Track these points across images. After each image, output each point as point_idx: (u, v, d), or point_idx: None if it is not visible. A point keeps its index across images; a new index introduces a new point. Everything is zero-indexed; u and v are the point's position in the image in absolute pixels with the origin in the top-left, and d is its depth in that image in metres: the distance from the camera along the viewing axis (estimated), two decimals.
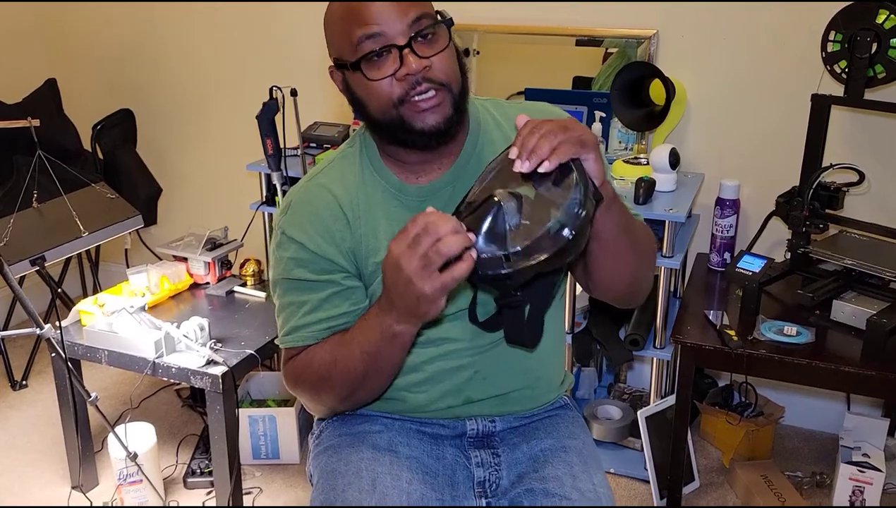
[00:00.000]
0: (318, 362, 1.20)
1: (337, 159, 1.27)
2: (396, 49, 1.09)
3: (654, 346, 2.12)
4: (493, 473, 1.28)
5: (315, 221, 1.21)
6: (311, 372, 1.21)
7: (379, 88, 1.11)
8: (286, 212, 1.24)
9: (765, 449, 2.28)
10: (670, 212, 1.98)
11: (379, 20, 1.08)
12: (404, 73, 1.09)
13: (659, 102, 2.22)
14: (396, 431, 1.30)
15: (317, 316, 1.21)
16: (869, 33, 1.81)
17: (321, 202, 1.22)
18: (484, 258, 0.99)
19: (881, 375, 1.67)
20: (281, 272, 1.24)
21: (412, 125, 1.12)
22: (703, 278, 2.20)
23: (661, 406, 2.14)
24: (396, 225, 1.19)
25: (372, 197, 1.22)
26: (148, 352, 1.90)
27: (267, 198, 2.43)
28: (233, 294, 2.29)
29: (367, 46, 1.09)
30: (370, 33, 1.09)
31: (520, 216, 1.01)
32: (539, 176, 1.00)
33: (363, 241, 1.21)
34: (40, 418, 2.52)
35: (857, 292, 1.87)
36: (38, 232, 2.17)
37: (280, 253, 1.23)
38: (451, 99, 1.13)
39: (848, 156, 2.09)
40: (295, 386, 1.26)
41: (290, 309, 1.24)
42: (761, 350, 1.76)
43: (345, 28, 1.11)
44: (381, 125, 1.16)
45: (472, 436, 1.31)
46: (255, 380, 2.41)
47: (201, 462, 2.21)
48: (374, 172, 1.23)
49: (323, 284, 1.21)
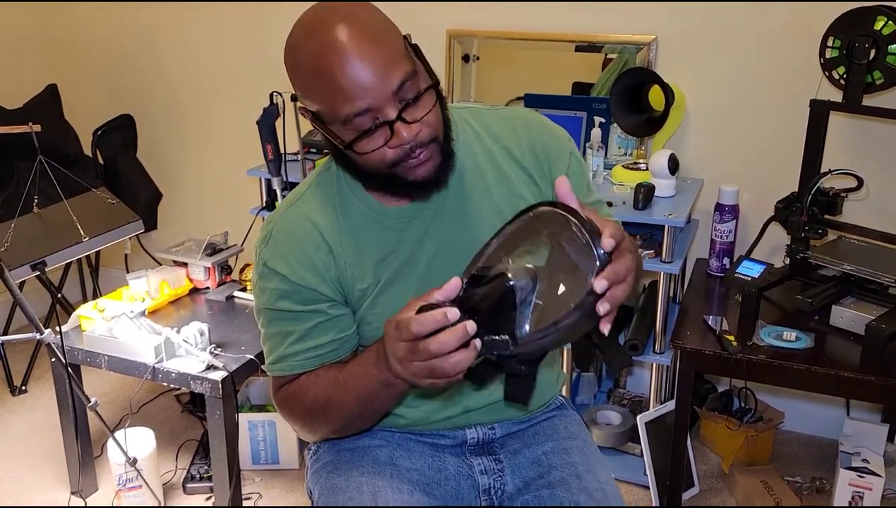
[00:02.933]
0: (312, 398, 1.18)
1: (313, 185, 1.22)
2: (387, 125, 1.04)
3: (653, 351, 2.12)
4: (497, 479, 1.28)
5: (297, 252, 1.17)
6: (305, 405, 1.20)
7: (370, 157, 1.08)
8: (267, 243, 1.20)
9: (764, 455, 2.28)
10: (670, 218, 1.99)
11: (364, 94, 1.02)
12: (397, 143, 1.06)
13: (658, 108, 2.22)
14: (396, 444, 1.29)
15: (304, 345, 1.19)
16: (867, 39, 1.82)
17: (301, 232, 1.18)
18: (489, 340, 0.94)
19: (880, 380, 1.67)
20: (265, 302, 1.20)
21: (405, 178, 1.10)
22: (703, 283, 2.20)
23: (661, 411, 2.14)
24: (381, 248, 1.18)
25: (353, 222, 1.19)
26: (148, 357, 1.90)
27: (267, 203, 2.43)
28: (233, 299, 2.29)
29: (358, 123, 1.04)
30: (358, 111, 1.03)
31: (533, 296, 0.96)
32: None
33: (348, 269, 1.18)
34: (40, 423, 2.52)
35: (856, 297, 1.87)
36: (39, 237, 2.18)
37: (263, 283, 1.20)
38: (439, 148, 1.10)
39: (846, 161, 2.09)
40: (288, 415, 1.24)
41: (275, 338, 1.21)
42: (761, 355, 1.76)
43: (327, 97, 1.05)
44: (368, 177, 1.13)
45: (473, 444, 1.31)
46: (255, 385, 2.41)
47: (201, 467, 2.21)
48: (353, 196, 1.19)
49: (308, 314, 1.18)
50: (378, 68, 1.01)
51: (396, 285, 1.19)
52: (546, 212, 0.99)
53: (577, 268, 0.94)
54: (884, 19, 1.80)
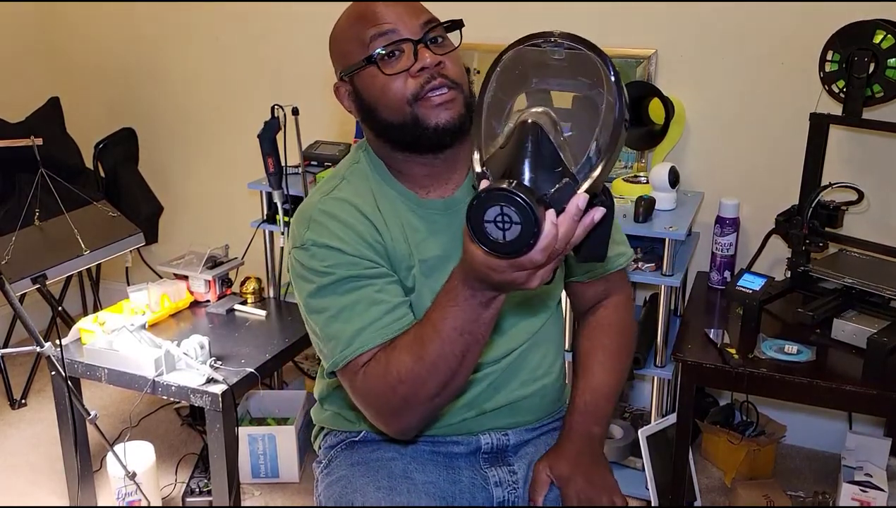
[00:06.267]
0: (398, 366, 1.07)
1: (347, 177, 1.23)
2: (411, 43, 1.11)
3: (654, 365, 2.12)
4: (510, 492, 1.28)
5: (346, 228, 1.16)
6: (393, 377, 1.08)
7: (393, 85, 1.11)
8: (309, 226, 1.17)
9: (767, 469, 2.27)
10: (670, 231, 1.99)
11: (391, 19, 1.11)
12: (419, 66, 1.10)
13: (658, 121, 2.23)
14: (410, 457, 1.28)
15: (379, 310, 1.12)
16: (866, 53, 1.82)
17: (345, 212, 1.17)
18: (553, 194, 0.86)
19: (882, 394, 1.66)
20: (320, 281, 1.14)
21: (426, 122, 1.12)
22: (704, 296, 2.20)
23: (662, 425, 2.13)
24: (417, 233, 1.20)
25: (392, 208, 1.20)
26: (148, 371, 1.90)
27: (268, 217, 2.43)
28: (233, 312, 2.29)
29: (380, 42, 1.11)
30: (383, 31, 1.11)
31: (560, 126, 0.89)
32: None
33: (396, 247, 1.18)
34: (39, 437, 2.51)
35: (857, 310, 1.87)
36: (40, 250, 2.18)
37: (313, 264, 1.14)
38: (463, 98, 1.14)
39: (847, 174, 2.10)
40: (375, 400, 1.13)
41: (341, 316, 1.12)
42: (762, 368, 1.75)
43: (355, 31, 1.13)
44: (392, 127, 1.14)
45: (487, 451, 1.30)
46: (255, 399, 2.41)
47: (200, 480, 2.20)
48: (388, 187, 1.21)
49: (372, 279, 1.14)
50: (411, 4, 1.14)
51: (435, 275, 1.19)
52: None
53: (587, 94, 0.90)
54: (882, 33, 1.81)
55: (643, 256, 2.09)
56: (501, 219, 0.83)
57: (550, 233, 0.85)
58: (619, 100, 0.88)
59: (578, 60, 0.91)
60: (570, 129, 0.90)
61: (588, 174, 0.88)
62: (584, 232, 0.90)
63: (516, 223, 0.83)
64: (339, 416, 1.36)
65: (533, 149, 0.85)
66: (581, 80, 0.91)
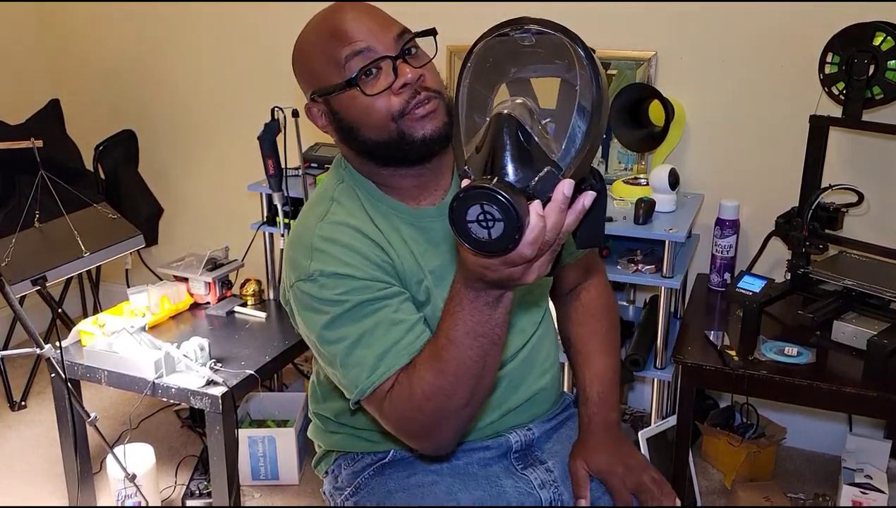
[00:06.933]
0: (420, 384, 1.06)
1: (336, 198, 1.19)
2: (390, 60, 1.08)
3: (654, 367, 2.12)
4: (555, 492, 1.27)
5: (350, 252, 1.12)
6: (419, 397, 1.06)
7: (376, 104, 1.09)
8: (313, 256, 1.12)
9: (767, 471, 2.27)
10: (670, 232, 1.99)
11: (363, 36, 1.08)
12: (401, 83, 1.08)
13: (658, 123, 2.23)
14: (448, 476, 1.23)
15: (400, 329, 1.09)
16: (866, 55, 1.83)
17: (346, 236, 1.13)
18: (539, 180, 0.84)
19: (882, 396, 1.66)
20: (336, 310, 1.10)
21: (413, 135, 1.10)
22: (704, 298, 2.20)
23: (663, 427, 2.13)
24: (417, 244, 1.18)
25: (389, 223, 1.17)
26: (148, 373, 1.90)
27: (268, 218, 2.43)
28: (233, 314, 2.29)
29: (357, 63, 1.08)
30: (358, 49, 1.08)
31: (537, 114, 0.87)
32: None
33: (403, 263, 1.16)
34: (39, 439, 2.51)
35: (857, 313, 1.87)
36: (40, 251, 2.18)
37: (325, 293, 1.10)
38: (444, 105, 1.12)
39: (846, 176, 2.10)
40: (407, 423, 1.10)
41: (361, 342, 1.10)
42: (762, 370, 1.75)
43: (326, 50, 1.09)
44: (377, 145, 1.12)
45: (518, 450, 1.29)
46: (255, 401, 2.41)
47: (200, 483, 2.20)
48: (379, 202, 1.18)
49: (387, 300, 1.11)
50: (379, 17, 1.11)
51: (444, 284, 1.15)
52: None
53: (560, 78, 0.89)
54: (882, 35, 1.81)
55: (643, 258, 2.09)
56: (484, 218, 0.81)
57: (537, 225, 0.83)
58: (595, 80, 0.86)
59: (550, 44, 0.90)
60: (552, 116, 0.88)
61: (572, 160, 0.86)
62: (576, 218, 0.88)
63: (499, 220, 0.81)
64: (359, 438, 1.31)
65: (510, 142, 0.84)
66: (556, 64, 0.90)
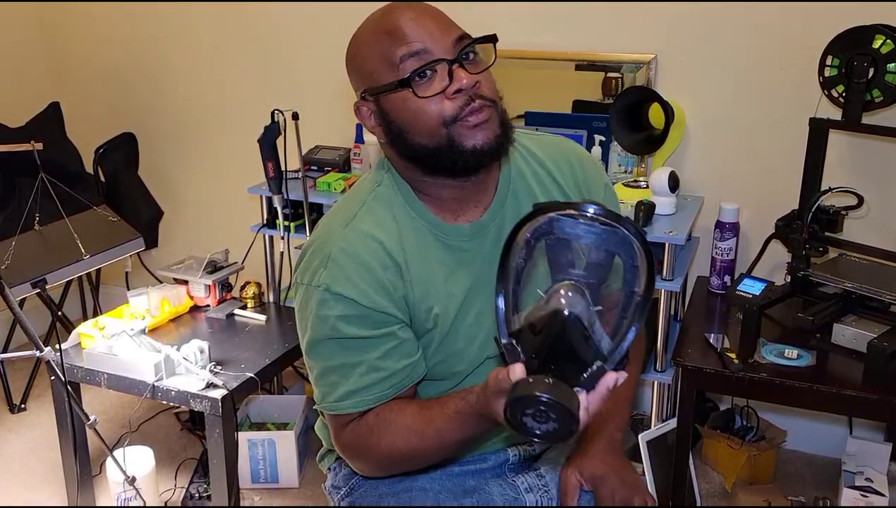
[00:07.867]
0: (388, 444, 1.12)
1: (369, 202, 1.16)
2: (446, 63, 1.04)
3: (654, 369, 2.12)
4: (543, 495, 1.27)
5: (365, 274, 1.10)
6: (378, 448, 1.13)
7: (427, 108, 1.05)
8: (326, 266, 1.11)
9: (767, 474, 2.26)
10: (670, 235, 1.99)
11: (421, 38, 1.04)
12: (455, 88, 1.04)
13: (658, 126, 2.23)
14: (439, 484, 1.24)
15: (377, 376, 1.12)
16: (866, 58, 1.83)
17: (367, 252, 1.11)
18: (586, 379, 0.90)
19: (883, 399, 1.66)
20: (327, 332, 1.11)
21: (462, 145, 1.06)
22: (704, 301, 2.20)
23: (663, 429, 2.13)
24: (444, 266, 1.15)
25: (415, 239, 1.14)
26: (147, 375, 1.90)
27: (268, 221, 2.43)
28: (233, 317, 2.29)
29: (412, 64, 1.04)
30: (414, 50, 1.04)
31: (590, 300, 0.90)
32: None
33: (415, 288, 1.13)
34: (38, 441, 2.51)
35: (857, 315, 1.87)
36: (40, 254, 2.18)
37: (323, 311, 1.10)
38: (499, 116, 1.08)
39: (846, 179, 2.10)
40: (354, 457, 1.18)
41: (340, 371, 1.12)
42: (762, 373, 1.75)
43: (382, 49, 1.06)
44: (426, 151, 1.08)
45: (514, 462, 1.30)
46: (255, 403, 2.40)
47: (200, 486, 2.20)
48: (413, 214, 1.15)
49: (380, 339, 1.12)
50: (439, 20, 1.08)
51: (473, 307, 1.16)
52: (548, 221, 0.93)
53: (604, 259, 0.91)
54: (882, 38, 1.81)
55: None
56: (539, 415, 0.87)
57: (582, 418, 0.88)
58: (648, 274, 0.90)
59: (611, 233, 0.91)
60: (603, 303, 0.91)
61: (617, 348, 0.91)
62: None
63: (553, 420, 0.87)
64: None
65: (568, 341, 0.88)
66: (610, 252, 0.91)
